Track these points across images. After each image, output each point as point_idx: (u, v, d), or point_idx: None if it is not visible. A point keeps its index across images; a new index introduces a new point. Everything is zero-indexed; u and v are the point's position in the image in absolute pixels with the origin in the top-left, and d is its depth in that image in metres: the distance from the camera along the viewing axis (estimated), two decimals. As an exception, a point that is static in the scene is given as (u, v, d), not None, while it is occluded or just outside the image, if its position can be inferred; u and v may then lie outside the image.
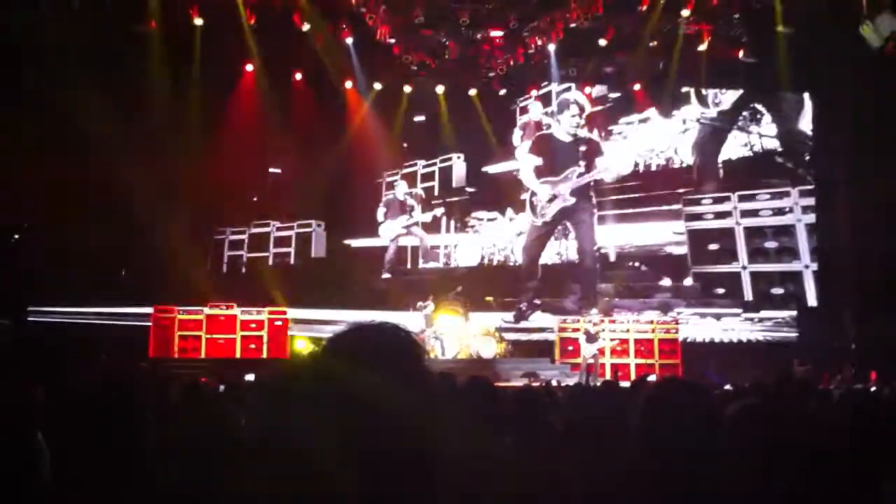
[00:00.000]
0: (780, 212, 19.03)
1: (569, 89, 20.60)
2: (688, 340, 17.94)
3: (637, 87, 20.76)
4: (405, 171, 22.55)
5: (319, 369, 1.52)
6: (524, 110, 21.87)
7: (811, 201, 18.65)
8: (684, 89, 20.35)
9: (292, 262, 22.21)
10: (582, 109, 19.21)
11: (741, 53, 18.73)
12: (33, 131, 16.23)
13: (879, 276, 15.47)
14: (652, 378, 13.47)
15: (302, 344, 18.48)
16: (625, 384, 10.90)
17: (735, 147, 19.87)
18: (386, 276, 21.17)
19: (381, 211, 21.37)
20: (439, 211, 21.24)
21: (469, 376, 4.73)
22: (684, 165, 20.15)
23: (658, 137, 20.33)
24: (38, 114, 16.39)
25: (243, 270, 22.16)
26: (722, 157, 19.98)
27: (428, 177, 22.69)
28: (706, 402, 2.82)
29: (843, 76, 16.75)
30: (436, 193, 22.31)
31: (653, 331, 17.65)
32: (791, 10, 17.04)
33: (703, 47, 18.69)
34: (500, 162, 21.80)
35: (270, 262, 22.21)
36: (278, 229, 22.43)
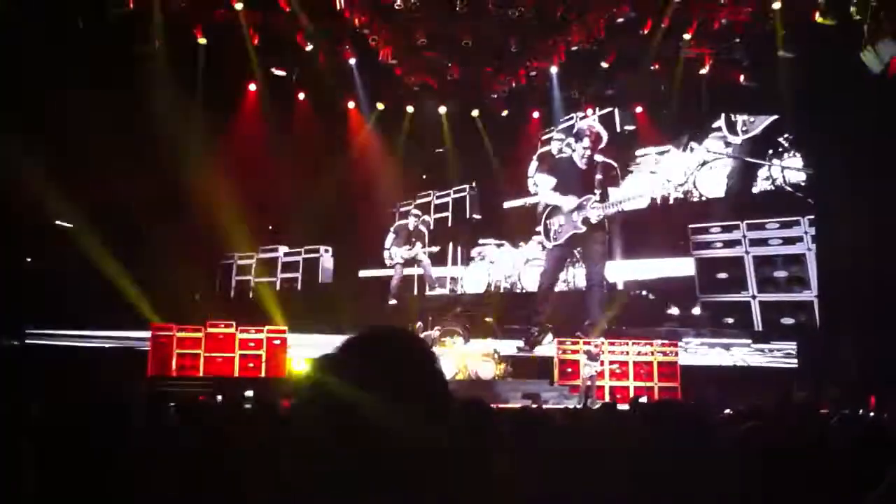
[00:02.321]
0: (789, 241, 18.90)
1: (591, 119, 20.67)
2: (688, 364, 17.86)
3: (639, 109, 20.86)
4: (419, 201, 22.61)
5: (332, 373, 1.53)
6: (545, 143, 21.99)
7: None
8: (715, 124, 20.36)
9: (299, 287, 22.17)
10: (598, 138, 19.28)
11: (742, 77, 18.80)
12: (35, 151, 16.22)
13: (879, 301, 15.45)
14: (643, 400, 13.45)
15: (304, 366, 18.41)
16: (623, 407, 10.88)
17: (758, 180, 19.79)
18: (392, 302, 21.17)
19: (390, 237, 21.42)
20: (434, 249, 21.33)
21: (465, 398, 4.72)
22: (703, 199, 20.07)
23: (677, 170, 20.31)
24: (39, 134, 16.37)
25: (251, 295, 22.12)
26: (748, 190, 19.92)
27: (441, 207, 22.73)
28: (703, 426, 2.81)
29: (844, 101, 16.78)
30: (449, 224, 22.32)
31: (652, 353, 17.62)
32: (792, 35, 17.10)
33: (704, 71, 18.79)
34: (513, 194, 21.98)
35: (278, 286, 22.19)
36: (286, 255, 22.43)
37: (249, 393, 11.47)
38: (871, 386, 13.60)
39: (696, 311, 19.33)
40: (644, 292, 19.92)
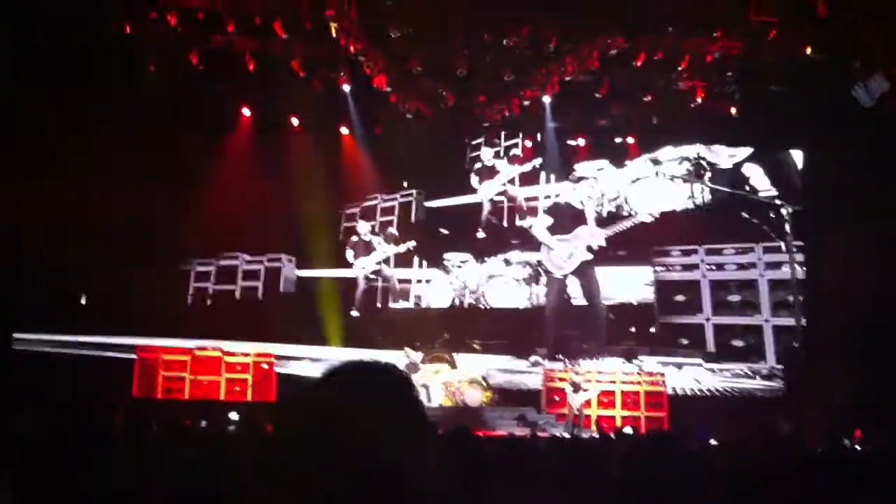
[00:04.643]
0: (743, 267, 19.67)
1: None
2: (671, 393, 17.93)
3: (630, 140, 21.02)
4: (365, 204, 22.69)
5: (313, 408, 1.55)
6: (476, 155, 22.41)
7: (775, 257, 19.09)
8: (693, 154, 20.70)
9: (260, 296, 21.96)
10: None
11: (734, 110, 18.97)
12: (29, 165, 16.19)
13: (866, 332, 15.45)
14: (628, 430, 13.44)
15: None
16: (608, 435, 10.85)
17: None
18: (355, 313, 20.99)
19: (349, 253, 21.24)
20: (412, 244, 21.11)
21: (451, 429, 4.72)
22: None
23: (610, 185, 20.75)
24: (32, 149, 16.36)
25: (209, 303, 21.87)
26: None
27: (387, 211, 22.73)
28: (686, 457, 2.82)
29: (835, 134, 16.90)
30: (394, 229, 22.19)
31: (639, 383, 17.62)
32: (784, 69, 17.26)
33: (696, 103, 18.93)
34: (446, 196, 22.33)
35: (237, 295, 21.95)
36: (247, 262, 22.22)
37: (234, 415, 11.43)
38: (857, 418, 13.59)
39: (653, 330, 19.76)
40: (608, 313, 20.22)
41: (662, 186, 20.67)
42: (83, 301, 19.10)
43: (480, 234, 21.58)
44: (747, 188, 19.64)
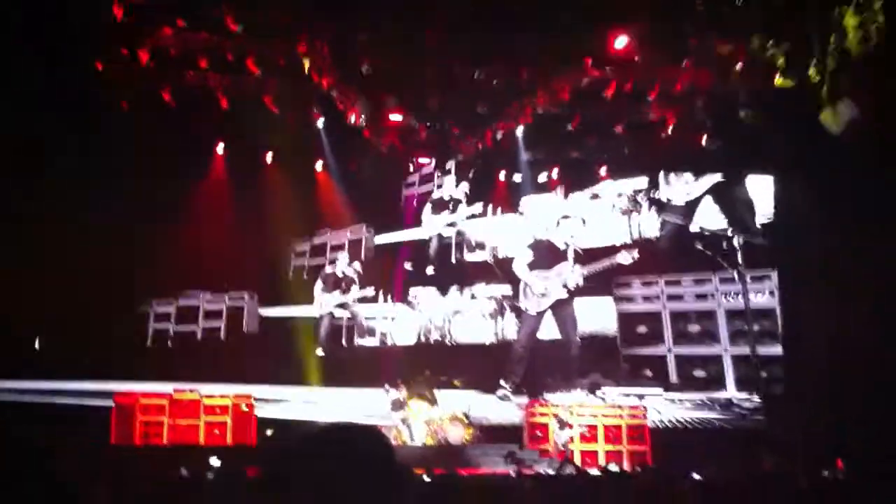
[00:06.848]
0: (702, 297, 19.82)
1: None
2: (653, 426, 17.86)
3: (603, 170, 21.17)
4: (316, 241, 22.70)
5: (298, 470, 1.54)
6: (427, 183, 22.48)
7: (731, 287, 19.25)
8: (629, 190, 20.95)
9: (222, 336, 21.47)
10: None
11: (705, 139, 19.15)
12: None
13: (847, 363, 15.49)
14: (613, 467, 13.41)
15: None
16: (593, 471, 10.81)
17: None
18: (320, 352, 20.78)
19: (318, 285, 20.99)
20: (370, 291, 20.91)
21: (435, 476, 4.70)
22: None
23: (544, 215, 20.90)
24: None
25: (169, 344, 21.33)
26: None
27: (337, 248, 22.48)
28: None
29: (806, 162, 17.05)
30: (346, 264, 21.55)
31: (620, 416, 17.51)
32: (754, 97, 17.44)
33: (667, 133, 19.12)
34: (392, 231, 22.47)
35: (199, 336, 21.47)
36: (208, 302, 21.83)
37: (215, 460, 11.28)
38: (838, 448, 13.59)
39: (623, 364, 19.85)
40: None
41: (602, 220, 20.93)
42: (38, 345, 18.67)
43: (430, 271, 21.52)
44: (700, 221, 19.88)
